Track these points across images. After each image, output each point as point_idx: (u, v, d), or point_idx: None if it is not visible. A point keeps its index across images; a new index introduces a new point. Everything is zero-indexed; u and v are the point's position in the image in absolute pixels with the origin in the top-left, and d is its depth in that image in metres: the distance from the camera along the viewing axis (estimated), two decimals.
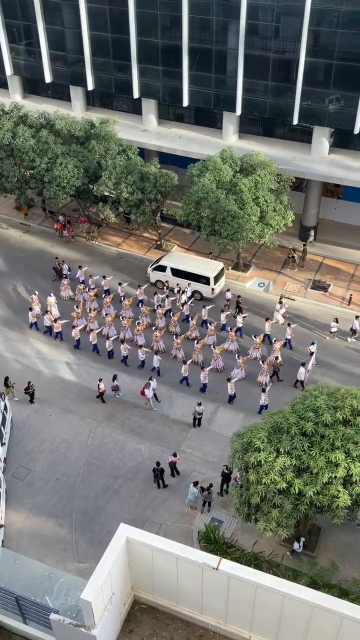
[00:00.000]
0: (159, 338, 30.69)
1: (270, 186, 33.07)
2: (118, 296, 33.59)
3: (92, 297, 33.46)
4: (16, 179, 37.65)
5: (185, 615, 15.20)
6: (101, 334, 30.98)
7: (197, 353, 29.96)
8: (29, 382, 27.93)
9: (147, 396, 27.63)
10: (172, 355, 30.63)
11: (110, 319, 31.54)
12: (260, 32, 34.96)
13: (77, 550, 22.47)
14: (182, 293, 33.66)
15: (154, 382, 27.92)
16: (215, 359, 29.72)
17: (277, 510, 18.66)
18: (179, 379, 29.23)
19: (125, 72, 39.62)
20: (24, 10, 40.88)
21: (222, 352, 30.18)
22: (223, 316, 32.04)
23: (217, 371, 29.60)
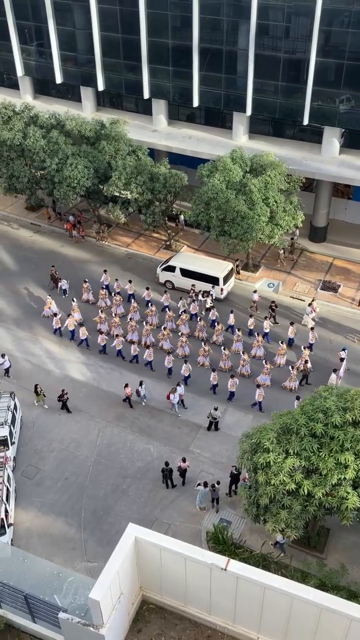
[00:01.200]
0: (185, 343, 30.34)
1: (280, 186, 33.01)
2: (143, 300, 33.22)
3: (118, 301, 33.11)
4: (27, 179, 37.83)
5: (194, 616, 15.21)
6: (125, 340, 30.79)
7: (225, 359, 29.57)
8: (63, 390, 27.64)
9: (171, 401, 27.42)
10: (200, 364, 30.06)
11: (133, 324, 31.25)
12: (270, 32, 34.91)
13: (86, 550, 22.54)
14: (208, 296, 33.28)
15: (181, 387, 27.65)
16: (242, 364, 29.34)
17: (285, 511, 18.62)
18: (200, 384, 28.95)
19: (136, 72, 39.70)
20: (35, 11, 41.07)
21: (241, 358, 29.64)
22: (231, 317, 31.82)
23: (244, 377, 29.16)
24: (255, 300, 33.32)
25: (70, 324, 31.48)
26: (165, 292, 33.42)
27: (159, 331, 31.48)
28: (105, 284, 34.46)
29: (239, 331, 30.76)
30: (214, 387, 28.62)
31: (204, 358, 30.11)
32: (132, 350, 30.22)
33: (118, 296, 33.37)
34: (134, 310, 32.32)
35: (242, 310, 33.45)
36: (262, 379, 28.71)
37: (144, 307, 33.01)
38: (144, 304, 33.12)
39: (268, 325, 31.37)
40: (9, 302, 34.79)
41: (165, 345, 30.79)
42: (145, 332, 31.10)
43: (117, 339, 30.45)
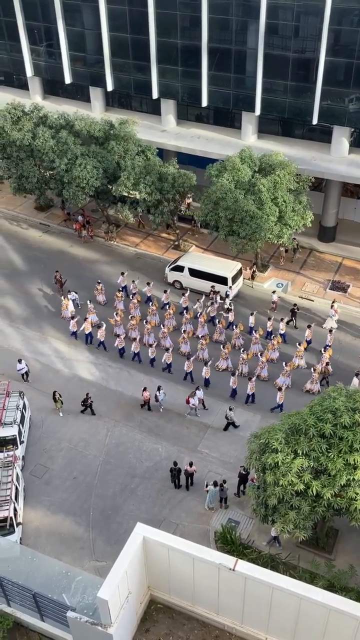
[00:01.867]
0: (204, 346, 29.96)
1: (290, 186, 32.92)
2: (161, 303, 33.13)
3: (136, 303, 32.64)
4: (36, 179, 37.96)
5: (202, 616, 15.21)
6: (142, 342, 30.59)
7: (242, 363, 29.27)
8: (87, 394, 27.52)
9: (191, 405, 27.20)
10: (219, 368, 29.74)
11: (150, 327, 31.04)
12: (279, 32, 34.81)
13: (94, 549, 22.59)
14: (227, 296, 33.12)
15: (200, 391, 27.40)
16: (260, 367, 29.03)
17: (294, 512, 18.58)
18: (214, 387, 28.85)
19: (145, 72, 39.72)
20: (44, 12, 41.20)
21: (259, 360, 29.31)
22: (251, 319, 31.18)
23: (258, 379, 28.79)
24: (274, 301, 33.09)
25: (87, 327, 31.28)
26: (183, 295, 33.14)
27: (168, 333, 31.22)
28: (122, 285, 34.21)
29: (256, 333, 30.48)
30: (234, 392, 28.24)
31: (225, 361, 29.76)
32: (150, 353, 29.89)
33: (135, 298, 32.96)
34: (152, 312, 32.06)
35: (250, 311, 33.35)
36: (282, 380, 28.37)
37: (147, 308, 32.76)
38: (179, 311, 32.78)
39: (284, 327, 31.09)
40: (18, 301, 34.94)
41: (183, 349, 30.40)
42: (162, 335, 30.76)
43: (135, 342, 30.18)
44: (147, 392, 27.48)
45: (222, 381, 28.96)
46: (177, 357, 29.96)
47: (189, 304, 32.96)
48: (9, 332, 32.71)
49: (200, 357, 29.91)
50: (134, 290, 33.73)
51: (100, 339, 30.87)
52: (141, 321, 31.98)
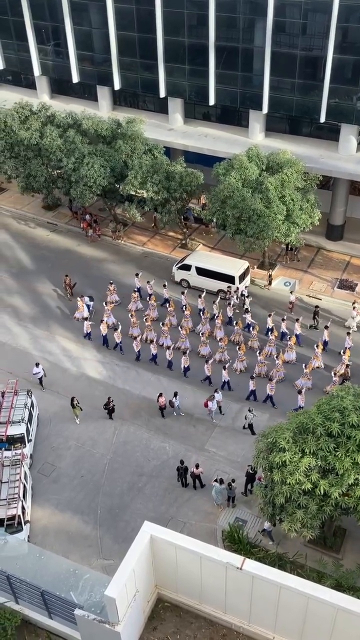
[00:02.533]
0: (224, 349, 29.73)
1: (297, 184, 32.81)
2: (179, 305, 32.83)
3: (153, 305, 32.38)
4: (44, 178, 38.04)
5: (209, 614, 15.21)
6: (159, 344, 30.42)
7: (261, 366, 28.95)
8: (109, 398, 27.22)
9: (210, 408, 26.97)
10: (237, 370, 29.36)
11: (167, 328, 30.77)
12: (287, 30, 34.67)
13: (102, 547, 22.65)
14: (247, 297, 32.94)
15: (219, 394, 27.07)
16: (277, 369, 28.73)
17: (301, 511, 18.54)
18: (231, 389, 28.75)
19: (152, 71, 39.70)
20: (52, 11, 41.25)
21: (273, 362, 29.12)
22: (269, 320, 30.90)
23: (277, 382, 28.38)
24: (292, 301, 32.86)
25: (103, 328, 31.03)
26: (199, 297, 32.65)
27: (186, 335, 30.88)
28: (137, 287, 34.03)
29: (272, 334, 30.22)
30: (253, 394, 27.98)
31: (241, 363, 29.53)
32: (168, 355, 29.51)
33: (152, 300, 32.60)
34: (170, 314, 31.81)
35: (265, 312, 33.33)
36: (302, 383, 28.09)
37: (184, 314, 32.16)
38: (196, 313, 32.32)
39: (300, 327, 30.80)
40: (26, 300, 35.05)
41: (204, 351, 30.18)
42: (182, 337, 30.54)
43: (152, 344, 29.93)
44: (162, 398, 27.01)
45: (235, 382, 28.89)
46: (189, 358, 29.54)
47: (198, 305, 32.73)
48: (17, 331, 32.83)
49: (219, 360, 29.58)
50: (150, 291, 33.40)
51: (117, 340, 30.65)
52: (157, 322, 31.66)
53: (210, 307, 32.49)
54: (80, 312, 32.97)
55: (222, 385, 28.55)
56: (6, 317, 33.75)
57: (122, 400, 28.57)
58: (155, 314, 32.41)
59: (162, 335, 30.81)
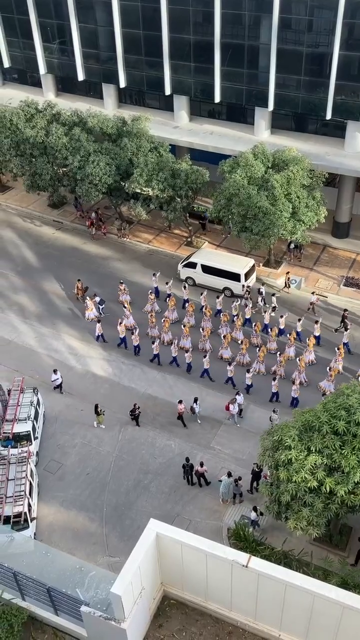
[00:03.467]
0: (245, 351, 29.34)
1: (303, 182, 32.72)
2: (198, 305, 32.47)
3: (172, 306, 32.06)
4: (49, 176, 38.09)
5: (215, 612, 15.22)
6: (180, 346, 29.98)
7: (280, 367, 28.68)
8: (135, 404, 26.87)
9: (231, 412, 26.66)
10: (257, 371, 28.98)
11: (187, 330, 30.38)
12: (293, 26, 34.55)
13: (108, 545, 22.70)
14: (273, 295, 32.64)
15: (240, 397, 26.80)
16: (300, 372, 28.23)
17: (307, 509, 18.52)
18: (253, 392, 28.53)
19: (157, 69, 39.66)
20: (57, 9, 41.28)
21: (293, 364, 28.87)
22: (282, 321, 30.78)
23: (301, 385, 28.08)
24: (313, 302, 32.60)
25: (121, 330, 30.62)
26: (217, 297, 32.37)
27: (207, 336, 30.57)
28: (154, 287, 33.68)
29: (290, 335, 29.91)
30: (276, 396, 27.72)
31: (261, 365, 29.19)
32: (187, 358, 29.19)
33: (172, 301, 32.21)
34: (190, 315, 31.51)
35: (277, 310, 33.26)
36: (327, 385, 27.86)
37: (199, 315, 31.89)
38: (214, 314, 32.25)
39: (319, 329, 30.35)
40: (31, 298, 35.13)
41: (225, 354, 29.80)
42: (203, 339, 30.26)
43: (172, 346, 29.51)
44: (182, 405, 26.53)
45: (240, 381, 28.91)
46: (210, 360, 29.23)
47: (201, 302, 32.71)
48: (23, 329, 32.91)
49: (241, 362, 29.34)
50: (168, 291, 32.99)
51: (135, 343, 30.37)
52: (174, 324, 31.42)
53: (212, 305, 32.53)
54: (90, 312, 32.99)
55: (247, 389, 28.11)
56: (12, 315, 33.84)
57: (127, 398, 28.59)
58: (175, 315, 32.05)
59: (183, 338, 30.37)
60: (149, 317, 31.35)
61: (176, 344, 29.65)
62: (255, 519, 22.41)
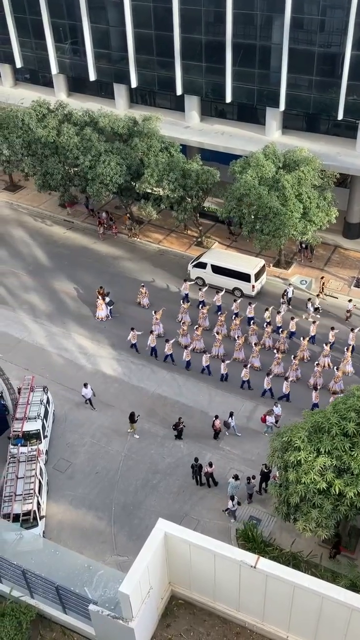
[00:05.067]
0: (281, 360, 28.71)
1: (314, 182, 32.62)
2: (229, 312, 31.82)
3: (205, 313, 31.42)
4: (60, 176, 38.23)
5: (223, 612, 15.22)
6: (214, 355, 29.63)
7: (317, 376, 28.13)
8: (180, 418, 26.21)
9: (267, 423, 26.03)
10: (289, 378, 28.07)
11: (220, 337, 29.94)
12: (305, 26, 34.44)
13: (116, 544, 22.75)
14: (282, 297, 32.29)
15: (278, 408, 26.10)
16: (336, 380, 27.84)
17: (316, 510, 18.45)
18: None
19: (169, 69, 39.69)
20: (69, 9, 41.42)
21: None
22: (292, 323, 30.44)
23: None
24: (349, 309, 31.99)
25: (152, 339, 30.13)
26: (249, 304, 31.54)
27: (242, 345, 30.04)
28: (185, 293, 33.18)
29: (304, 340, 29.44)
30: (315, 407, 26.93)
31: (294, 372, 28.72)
32: (222, 368, 28.59)
33: (205, 308, 31.61)
34: (221, 323, 30.80)
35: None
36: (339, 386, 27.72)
37: None
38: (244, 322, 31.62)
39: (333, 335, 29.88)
40: (42, 297, 35.28)
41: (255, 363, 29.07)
42: (238, 347, 29.71)
43: (205, 354, 29.05)
44: (218, 421, 25.92)
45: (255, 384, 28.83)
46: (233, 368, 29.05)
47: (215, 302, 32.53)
48: (34, 328, 33.06)
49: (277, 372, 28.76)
50: (201, 298, 32.46)
51: (168, 352, 29.83)
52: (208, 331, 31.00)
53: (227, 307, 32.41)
54: (100, 311, 33.08)
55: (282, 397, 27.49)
56: (23, 314, 34.01)
57: (137, 398, 28.65)
58: (207, 323, 31.51)
59: (215, 345, 29.96)
60: (181, 325, 30.97)
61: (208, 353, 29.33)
62: (233, 508, 22.62)
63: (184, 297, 33.25)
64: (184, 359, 29.48)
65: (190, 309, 32.47)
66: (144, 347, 30.73)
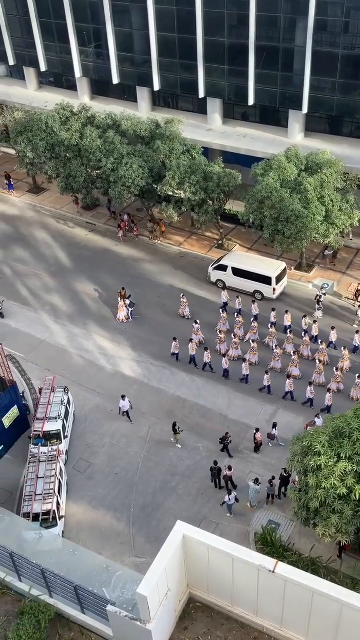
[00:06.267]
0: (321, 372, 28.31)
1: (337, 185, 32.38)
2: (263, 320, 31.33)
3: (241, 322, 31.00)
4: (83, 178, 38.51)
5: (240, 617, 15.15)
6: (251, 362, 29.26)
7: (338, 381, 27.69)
8: (227, 433, 25.70)
9: None
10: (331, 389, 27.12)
11: (256, 346, 29.63)
12: (329, 28, 34.27)
13: (134, 545, 22.79)
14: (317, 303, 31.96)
15: (320, 419, 25.15)
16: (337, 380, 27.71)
17: (336, 516, 18.28)
18: None
19: (192, 72, 39.78)
20: (93, 14, 41.78)
21: None
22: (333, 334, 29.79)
23: None
24: None
25: (192, 348, 29.76)
26: (286, 312, 31.14)
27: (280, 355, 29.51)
28: (224, 301, 32.86)
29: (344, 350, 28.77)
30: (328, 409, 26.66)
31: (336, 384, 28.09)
32: (266, 380, 27.97)
33: (240, 317, 31.22)
34: (255, 331, 30.63)
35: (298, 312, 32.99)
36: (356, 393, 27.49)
37: None
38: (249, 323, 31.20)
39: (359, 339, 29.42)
40: (64, 299, 35.57)
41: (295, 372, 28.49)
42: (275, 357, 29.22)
43: (245, 363, 28.74)
44: (259, 434, 25.40)
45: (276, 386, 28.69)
46: None
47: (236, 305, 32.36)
48: (55, 329, 33.34)
49: (317, 382, 28.27)
50: (238, 306, 32.11)
51: (207, 360, 29.43)
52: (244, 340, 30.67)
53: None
54: (121, 312, 33.24)
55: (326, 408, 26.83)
56: (45, 315, 34.31)
57: (156, 399, 28.70)
58: (242, 332, 31.13)
59: (251, 353, 29.69)
60: (218, 334, 30.72)
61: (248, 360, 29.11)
62: (230, 502, 22.72)
63: (223, 305, 32.96)
64: (223, 367, 29.12)
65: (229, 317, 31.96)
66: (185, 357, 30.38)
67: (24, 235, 41.41)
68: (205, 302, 34.04)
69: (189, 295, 34.11)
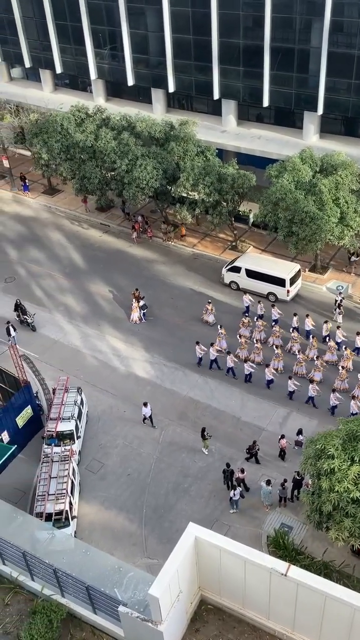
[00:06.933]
0: (345, 377, 27.86)
1: (352, 187, 32.19)
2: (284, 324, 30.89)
3: (262, 327, 30.92)
4: (97, 180, 38.67)
5: (252, 620, 15.10)
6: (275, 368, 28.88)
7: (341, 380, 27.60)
8: (255, 441, 25.46)
9: None
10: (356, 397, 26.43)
11: (281, 352, 29.30)
12: (345, 29, 34.11)
13: (146, 546, 22.80)
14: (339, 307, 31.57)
15: None
16: None
17: (349, 519, 18.15)
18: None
19: (206, 73, 39.80)
20: (109, 16, 41.97)
21: None
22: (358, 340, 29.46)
23: None
24: None
25: (212, 352, 29.55)
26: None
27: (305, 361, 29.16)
28: (246, 305, 32.71)
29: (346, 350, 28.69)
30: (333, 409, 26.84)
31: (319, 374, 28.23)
32: (290, 386, 27.59)
33: (260, 321, 31.19)
34: (277, 336, 30.34)
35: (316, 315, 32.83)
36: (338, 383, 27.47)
37: None
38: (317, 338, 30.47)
39: None
40: (77, 299, 35.72)
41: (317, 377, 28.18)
42: (297, 363, 28.89)
43: (267, 368, 28.31)
44: (284, 440, 25.14)
45: None
46: None
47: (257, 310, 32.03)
48: (69, 329, 33.49)
49: (341, 388, 27.86)
50: (260, 311, 31.86)
51: (230, 365, 29.20)
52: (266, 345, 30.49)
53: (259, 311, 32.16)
54: (135, 313, 33.32)
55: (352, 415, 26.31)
56: (59, 316, 34.49)
57: (169, 400, 28.71)
58: (263, 335, 30.99)
59: (275, 359, 29.32)
60: (240, 340, 30.53)
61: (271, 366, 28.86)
62: (236, 498, 22.86)
63: (245, 310, 32.87)
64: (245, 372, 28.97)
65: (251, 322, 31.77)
66: None
67: (39, 236, 41.67)
68: (218, 304, 33.97)
69: (202, 297, 34.07)
